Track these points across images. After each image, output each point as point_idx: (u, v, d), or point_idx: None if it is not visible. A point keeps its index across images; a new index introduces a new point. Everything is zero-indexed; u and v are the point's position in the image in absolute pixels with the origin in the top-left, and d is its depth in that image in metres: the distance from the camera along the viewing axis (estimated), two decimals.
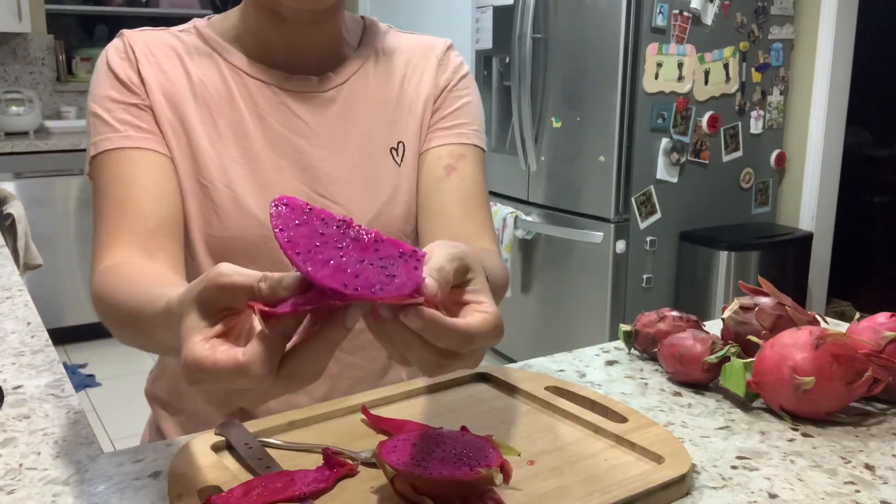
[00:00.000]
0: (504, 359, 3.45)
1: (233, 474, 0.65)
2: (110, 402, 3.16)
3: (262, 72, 0.90)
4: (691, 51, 2.84)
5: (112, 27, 4.48)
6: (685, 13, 2.80)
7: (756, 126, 3.07)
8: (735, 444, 0.76)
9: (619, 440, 0.72)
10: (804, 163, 3.14)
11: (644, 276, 2.94)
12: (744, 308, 0.91)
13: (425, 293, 0.48)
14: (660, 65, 2.78)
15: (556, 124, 3.04)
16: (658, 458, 0.68)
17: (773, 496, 0.66)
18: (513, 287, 3.29)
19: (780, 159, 3.17)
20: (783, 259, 2.99)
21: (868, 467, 0.71)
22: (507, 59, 3.14)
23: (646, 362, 0.97)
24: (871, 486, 0.68)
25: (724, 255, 2.85)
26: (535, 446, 0.72)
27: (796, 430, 0.79)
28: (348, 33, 0.95)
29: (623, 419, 0.76)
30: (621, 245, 2.86)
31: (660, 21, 2.75)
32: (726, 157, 3.03)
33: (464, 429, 0.68)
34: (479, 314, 0.52)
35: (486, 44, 3.30)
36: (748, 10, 2.95)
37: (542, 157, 3.12)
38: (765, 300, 0.91)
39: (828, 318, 1.03)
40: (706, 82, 2.90)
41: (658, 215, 2.92)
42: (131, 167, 0.84)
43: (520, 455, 0.66)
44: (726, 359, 0.86)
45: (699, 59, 2.87)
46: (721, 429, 0.79)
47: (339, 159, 0.91)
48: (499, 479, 0.59)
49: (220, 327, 0.49)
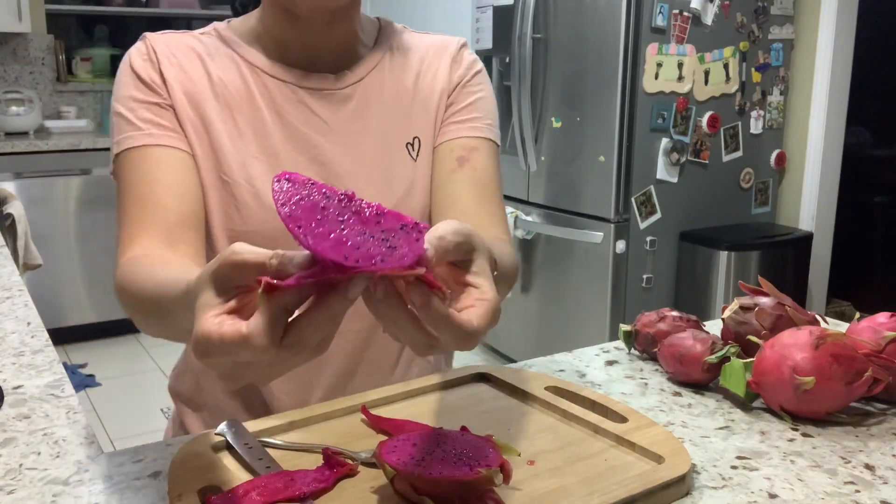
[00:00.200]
0: (504, 359, 3.45)
1: (233, 474, 0.65)
2: (110, 402, 3.17)
3: (281, 70, 0.92)
4: (691, 51, 2.84)
5: (112, 27, 4.48)
6: (685, 13, 2.80)
7: (756, 126, 3.07)
8: (735, 444, 0.76)
9: (619, 440, 0.72)
10: (804, 163, 3.14)
11: (644, 276, 2.94)
12: (744, 308, 0.91)
13: (425, 263, 0.49)
14: (660, 65, 2.78)
15: (556, 124, 3.04)
16: (658, 458, 0.68)
17: (773, 496, 0.66)
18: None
19: (780, 159, 3.17)
20: (783, 259, 2.99)
21: (868, 467, 0.71)
22: (507, 59, 3.14)
23: (646, 362, 0.97)
24: (871, 486, 0.68)
25: (724, 255, 2.85)
26: (535, 446, 0.72)
27: (796, 430, 0.79)
28: (364, 33, 0.97)
29: (623, 419, 0.76)
30: (621, 245, 2.86)
31: (660, 21, 2.75)
32: (726, 157, 3.03)
33: (464, 429, 0.68)
34: (479, 305, 0.52)
35: (486, 44, 3.30)
36: (748, 10, 2.95)
37: (542, 157, 3.12)
38: (765, 300, 0.91)
39: (828, 318, 1.03)
40: (706, 82, 2.90)
41: (658, 215, 2.92)
42: (153, 164, 0.86)
43: (520, 455, 0.66)
44: (726, 359, 0.86)
45: (699, 59, 2.87)
46: (721, 429, 0.79)
47: (356, 155, 0.93)
48: (499, 479, 0.59)
49: (233, 304, 0.50)
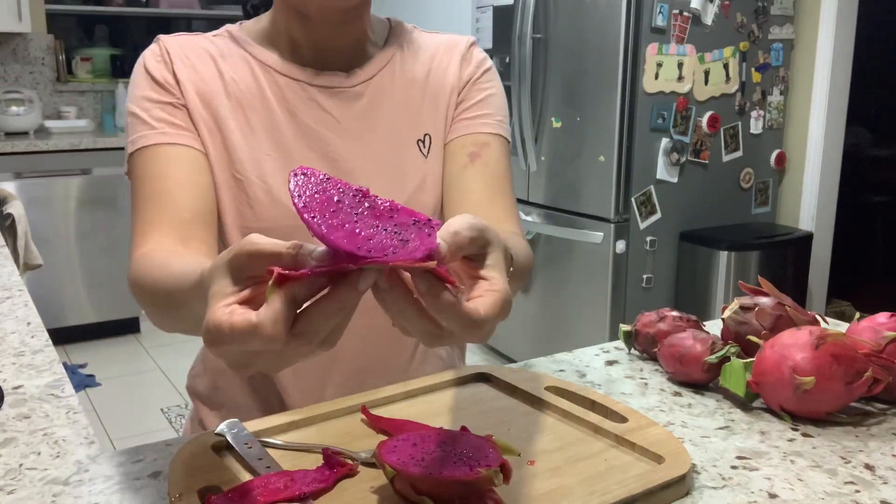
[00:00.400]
0: (504, 359, 3.45)
1: (233, 474, 0.65)
2: (110, 402, 3.16)
3: (292, 69, 0.93)
4: (691, 51, 2.84)
5: (112, 27, 4.48)
6: (685, 13, 2.80)
7: (756, 126, 3.07)
8: (735, 444, 0.76)
9: (620, 440, 0.72)
10: (804, 163, 3.14)
11: (644, 276, 2.94)
12: (744, 308, 0.91)
13: (438, 258, 0.49)
14: (660, 65, 2.78)
15: (556, 124, 3.04)
16: (658, 458, 0.68)
17: (773, 496, 0.66)
18: None
19: (780, 159, 3.17)
20: (783, 259, 2.99)
21: (868, 467, 0.71)
22: (507, 59, 3.14)
23: (646, 362, 0.97)
24: (871, 486, 0.68)
25: (724, 255, 2.85)
26: (535, 446, 0.72)
27: (796, 430, 0.79)
28: (374, 33, 0.98)
29: (623, 419, 0.76)
30: (621, 245, 2.86)
31: (660, 21, 2.75)
32: (726, 157, 3.03)
33: (464, 429, 0.68)
34: (488, 295, 0.52)
35: (486, 44, 3.31)
36: (748, 10, 2.95)
37: (542, 157, 3.12)
38: (765, 300, 0.91)
39: (828, 318, 1.03)
40: (706, 82, 2.90)
41: (658, 215, 2.92)
42: (167, 162, 0.88)
43: (520, 455, 0.66)
44: (726, 359, 0.86)
45: (699, 59, 2.87)
46: (721, 429, 0.79)
47: (367, 152, 0.94)
48: (499, 479, 0.59)
49: (246, 293, 0.51)
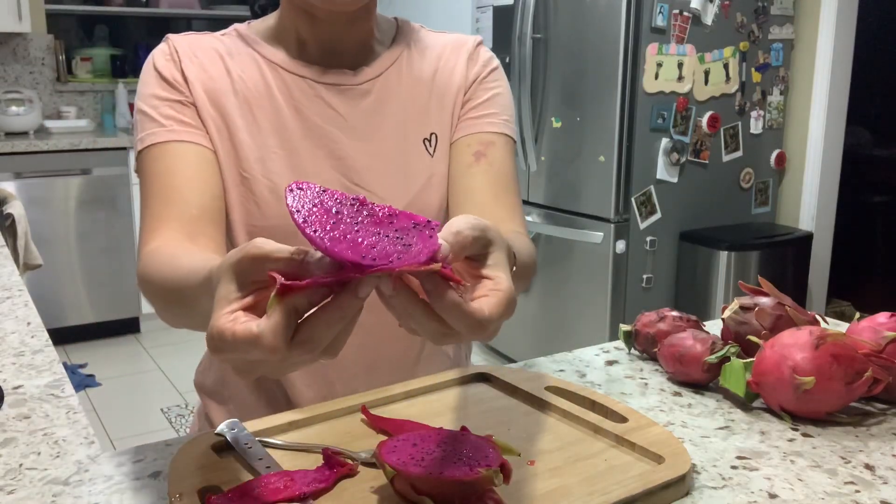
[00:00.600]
0: (504, 359, 3.45)
1: (233, 474, 0.65)
2: (110, 402, 3.16)
3: (299, 67, 0.93)
4: (691, 51, 2.84)
5: (112, 27, 4.48)
6: (685, 13, 2.80)
7: (756, 126, 3.07)
8: (735, 444, 0.76)
9: (620, 440, 0.72)
10: (804, 163, 3.14)
11: (644, 276, 2.94)
12: (744, 308, 0.91)
13: (441, 259, 0.50)
14: (660, 65, 2.78)
15: (556, 124, 3.04)
16: (658, 458, 0.68)
17: (773, 496, 0.66)
18: None
19: (780, 159, 3.17)
20: (783, 259, 2.99)
21: (868, 467, 0.71)
22: (507, 59, 3.14)
23: (646, 362, 0.97)
24: (871, 486, 0.68)
25: (724, 255, 2.85)
26: (535, 446, 0.72)
27: (796, 430, 0.79)
28: (381, 32, 0.99)
29: (623, 419, 0.76)
30: (621, 245, 2.86)
31: (660, 21, 2.75)
32: (726, 157, 3.03)
33: (464, 429, 0.67)
34: (493, 295, 0.52)
35: (486, 44, 3.29)
36: (748, 10, 2.95)
37: (542, 157, 3.12)
38: (765, 300, 0.91)
39: (828, 318, 1.03)
40: (706, 82, 2.90)
41: (658, 215, 2.92)
42: (175, 159, 0.88)
43: (520, 455, 0.66)
44: (726, 359, 0.86)
45: (699, 59, 2.87)
46: (721, 429, 0.79)
47: (373, 149, 0.94)
48: (499, 479, 0.59)
49: (250, 299, 0.51)
